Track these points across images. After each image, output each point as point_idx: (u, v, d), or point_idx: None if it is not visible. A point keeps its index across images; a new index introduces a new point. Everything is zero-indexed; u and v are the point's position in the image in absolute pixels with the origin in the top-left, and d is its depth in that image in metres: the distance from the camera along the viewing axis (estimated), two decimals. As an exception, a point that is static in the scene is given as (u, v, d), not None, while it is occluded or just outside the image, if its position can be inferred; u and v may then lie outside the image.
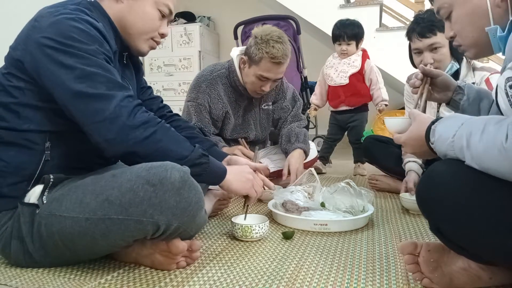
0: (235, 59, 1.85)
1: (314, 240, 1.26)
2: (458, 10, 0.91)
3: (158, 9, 1.11)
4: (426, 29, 1.58)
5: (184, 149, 1.03)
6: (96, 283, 0.93)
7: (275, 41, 1.67)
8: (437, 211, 0.83)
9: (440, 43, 1.58)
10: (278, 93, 2.04)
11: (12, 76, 0.98)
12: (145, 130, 0.96)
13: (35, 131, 0.99)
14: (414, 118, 0.91)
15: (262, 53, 1.68)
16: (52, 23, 0.94)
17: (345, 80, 2.56)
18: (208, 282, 0.94)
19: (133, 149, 0.96)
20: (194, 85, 1.88)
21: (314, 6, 3.49)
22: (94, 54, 0.95)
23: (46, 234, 0.93)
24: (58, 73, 0.92)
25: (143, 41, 1.13)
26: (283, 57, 1.69)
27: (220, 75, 1.87)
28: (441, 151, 0.81)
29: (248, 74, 1.79)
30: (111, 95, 0.94)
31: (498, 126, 0.70)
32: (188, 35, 4.09)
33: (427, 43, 1.59)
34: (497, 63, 3.43)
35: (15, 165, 0.99)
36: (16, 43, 0.99)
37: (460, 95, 1.11)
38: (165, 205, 0.90)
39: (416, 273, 0.90)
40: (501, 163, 0.69)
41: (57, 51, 0.92)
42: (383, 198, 1.87)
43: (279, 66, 1.72)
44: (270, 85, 1.81)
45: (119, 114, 0.94)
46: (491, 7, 0.83)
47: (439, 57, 1.60)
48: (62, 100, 0.95)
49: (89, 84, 0.93)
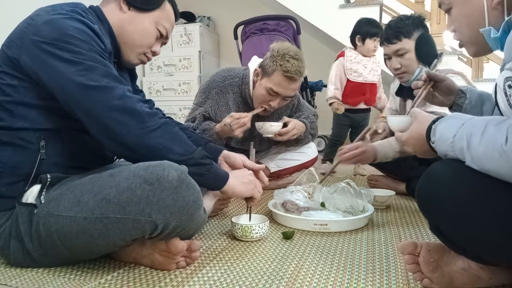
0: (252, 72, 1.81)
1: (314, 240, 1.26)
2: (457, 9, 0.92)
3: (157, 28, 1.14)
4: (392, 35, 1.64)
5: (188, 146, 1.03)
6: (96, 283, 0.93)
7: (291, 56, 1.66)
8: (437, 211, 0.83)
9: (405, 49, 1.63)
10: (295, 111, 2.00)
11: (5, 74, 0.98)
12: (153, 122, 0.97)
13: (30, 129, 0.99)
14: (415, 117, 0.91)
15: (276, 65, 1.66)
16: (48, 21, 0.95)
17: (376, 78, 2.55)
18: (208, 282, 0.94)
19: (139, 140, 0.95)
20: (204, 89, 1.85)
21: (314, 6, 3.49)
22: (90, 51, 0.96)
23: (45, 234, 0.93)
24: (57, 67, 0.93)
25: (135, 54, 1.16)
26: (297, 73, 1.67)
27: (232, 83, 1.83)
28: (441, 151, 0.81)
29: (258, 86, 1.75)
30: (114, 87, 0.95)
31: (498, 128, 0.70)
32: (188, 35, 4.08)
33: (393, 48, 1.65)
34: (498, 63, 3.43)
35: (11, 165, 0.99)
36: (9, 41, 0.99)
37: (463, 99, 1.12)
38: (162, 204, 0.90)
39: (416, 273, 0.90)
40: (501, 165, 0.69)
41: (54, 47, 0.93)
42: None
43: (290, 82, 1.69)
44: (279, 102, 1.76)
45: (125, 104, 0.95)
46: (488, 9, 0.84)
47: (405, 62, 1.65)
48: (63, 94, 0.95)
49: (90, 76, 0.93)
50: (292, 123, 1.81)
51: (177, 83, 4.08)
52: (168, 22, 1.16)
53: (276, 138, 1.81)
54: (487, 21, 0.85)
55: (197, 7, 4.55)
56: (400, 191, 1.89)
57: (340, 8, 3.44)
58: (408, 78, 1.67)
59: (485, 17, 0.85)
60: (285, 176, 2.07)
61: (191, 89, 4.03)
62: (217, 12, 4.61)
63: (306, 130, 1.90)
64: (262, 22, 3.04)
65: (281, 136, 1.79)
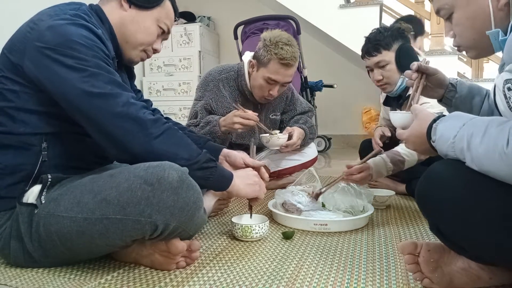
0: (246, 64, 1.83)
1: (314, 240, 1.26)
2: (460, 13, 0.90)
3: (158, 26, 1.14)
4: (372, 48, 1.66)
5: (192, 150, 1.03)
6: (96, 283, 0.93)
7: (284, 43, 1.68)
8: (437, 210, 0.82)
9: (386, 60, 1.65)
10: (289, 104, 2.02)
11: (6, 79, 0.97)
12: (156, 128, 0.97)
13: (31, 134, 0.99)
14: (416, 115, 0.90)
15: (271, 54, 1.68)
16: (51, 26, 0.94)
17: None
18: (208, 282, 0.94)
19: (144, 147, 0.95)
20: (201, 84, 1.88)
21: (314, 6, 3.49)
22: (94, 57, 0.95)
23: (45, 234, 0.93)
24: (61, 74, 0.92)
25: (136, 52, 1.15)
26: (292, 59, 1.69)
27: (228, 77, 1.85)
28: (442, 151, 0.81)
29: (256, 77, 1.77)
30: (118, 94, 0.95)
31: (499, 129, 0.69)
32: (188, 35, 4.08)
33: (374, 61, 1.67)
34: (498, 63, 3.43)
35: (12, 166, 0.99)
36: (11, 45, 0.98)
37: (452, 92, 1.11)
38: (163, 205, 0.90)
39: (416, 273, 0.90)
40: (501, 167, 0.69)
41: (57, 53, 0.92)
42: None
43: (287, 68, 1.71)
44: (278, 89, 1.78)
45: (129, 111, 0.94)
46: (494, 11, 0.83)
47: (386, 73, 1.67)
48: (66, 100, 0.94)
49: (93, 83, 0.93)
50: (296, 134, 1.84)
51: (177, 83, 4.08)
52: (168, 19, 1.16)
53: (282, 151, 1.86)
54: (493, 23, 0.84)
55: (197, 7, 4.55)
56: (400, 191, 1.89)
57: (340, 8, 3.44)
58: (391, 89, 1.70)
59: (490, 19, 0.83)
60: (285, 176, 2.07)
61: (191, 89, 4.03)
62: (217, 12, 4.61)
63: (305, 136, 1.94)
64: (262, 22, 3.04)
65: (286, 148, 1.83)
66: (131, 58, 1.17)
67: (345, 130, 4.30)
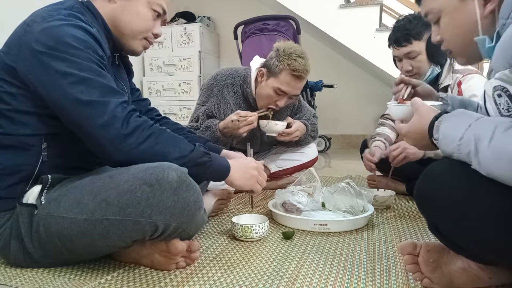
0: (253, 71, 1.81)
1: (314, 240, 1.26)
2: (447, 18, 0.90)
3: (152, 9, 1.10)
4: (402, 38, 1.61)
5: (183, 149, 1.01)
6: (96, 283, 0.93)
7: (298, 55, 1.67)
8: (435, 210, 0.83)
9: (416, 51, 1.61)
10: (296, 112, 2.01)
11: (3, 81, 0.97)
12: (139, 136, 0.95)
13: (31, 135, 0.98)
14: (416, 109, 0.89)
15: (283, 65, 1.67)
16: (44, 28, 0.93)
17: None
18: (208, 282, 0.94)
19: (129, 156, 0.95)
20: (206, 88, 1.86)
21: (314, 6, 3.49)
22: (87, 60, 0.94)
23: (45, 235, 0.94)
24: (52, 78, 0.92)
25: (137, 41, 1.12)
26: (304, 71, 1.68)
27: (234, 83, 1.83)
28: (446, 151, 0.80)
29: (264, 86, 1.75)
30: (105, 102, 0.93)
31: (507, 134, 0.68)
32: (188, 35, 4.08)
33: (404, 51, 1.63)
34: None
35: (12, 167, 0.98)
36: (7, 48, 0.97)
37: (444, 105, 1.11)
38: (162, 205, 0.90)
39: (416, 273, 0.90)
40: (510, 173, 0.68)
41: (49, 56, 0.91)
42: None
43: (298, 81, 1.70)
44: (286, 101, 1.77)
45: (112, 122, 0.93)
46: (480, 18, 0.83)
47: (417, 64, 1.63)
48: (55, 105, 0.94)
49: (82, 89, 0.92)
50: (296, 124, 1.83)
51: (177, 83, 4.08)
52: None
53: (279, 138, 1.83)
54: (481, 30, 0.84)
55: (197, 7, 4.55)
56: (400, 191, 1.89)
57: (340, 8, 3.44)
58: (420, 79, 1.67)
59: (477, 25, 0.83)
60: (285, 176, 2.07)
61: (191, 89, 4.03)
62: (217, 12, 4.61)
63: (306, 131, 1.91)
64: (262, 22, 3.04)
65: (283, 137, 1.81)
66: (133, 49, 1.14)
67: (345, 130, 4.29)
